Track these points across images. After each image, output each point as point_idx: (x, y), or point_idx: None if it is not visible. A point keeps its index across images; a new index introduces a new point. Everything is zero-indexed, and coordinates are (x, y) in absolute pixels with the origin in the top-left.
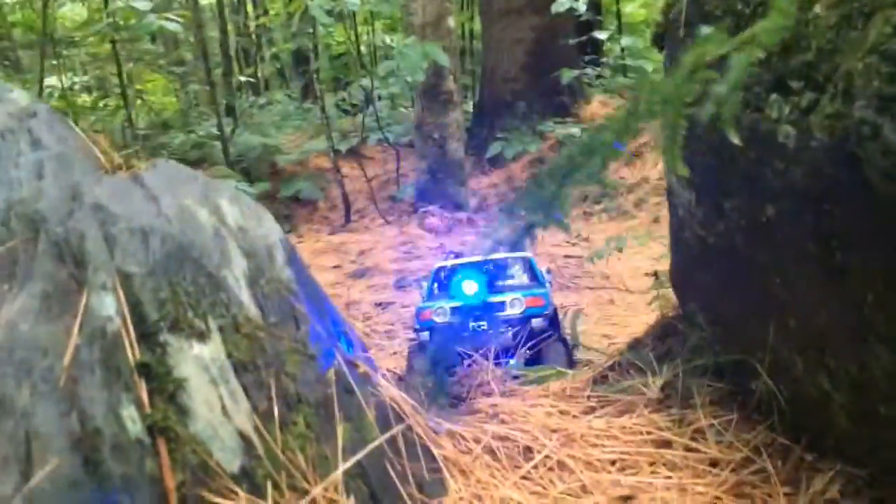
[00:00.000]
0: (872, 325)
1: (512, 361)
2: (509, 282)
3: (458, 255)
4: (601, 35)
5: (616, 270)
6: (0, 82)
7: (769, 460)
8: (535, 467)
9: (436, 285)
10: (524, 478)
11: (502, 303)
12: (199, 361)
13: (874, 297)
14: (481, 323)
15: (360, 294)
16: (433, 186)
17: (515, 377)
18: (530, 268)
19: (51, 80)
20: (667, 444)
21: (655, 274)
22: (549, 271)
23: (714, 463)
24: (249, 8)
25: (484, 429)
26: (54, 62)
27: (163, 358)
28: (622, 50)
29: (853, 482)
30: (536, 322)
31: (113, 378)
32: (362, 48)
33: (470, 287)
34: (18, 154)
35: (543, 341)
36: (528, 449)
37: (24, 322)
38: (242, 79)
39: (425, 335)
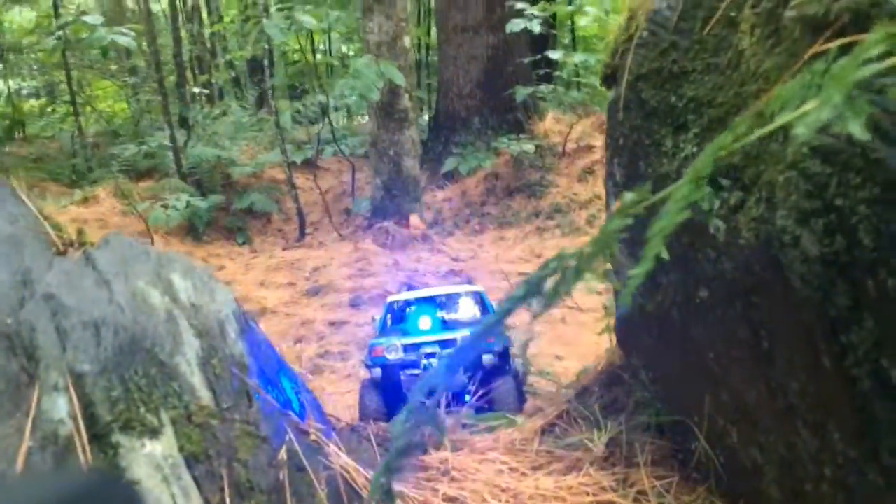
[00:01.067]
0: (798, 411)
1: (464, 410)
2: (461, 316)
3: (410, 287)
4: (555, 55)
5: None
6: None
7: None
8: None
9: (389, 318)
10: None
11: (453, 339)
12: (150, 460)
13: (798, 386)
14: (432, 360)
15: (314, 313)
16: (388, 203)
17: (464, 426)
18: (481, 301)
19: None
20: None
21: (605, 307)
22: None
23: None
24: (204, 15)
25: (435, 489)
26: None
27: (115, 460)
28: (576, 66)
29: None
30: (487, 358)
31: None
32: (318, 56)
33: (422, 323)
34: None
35: (494, 380)
36: None
37: None
38: (196, 90)
39: (377, 371)
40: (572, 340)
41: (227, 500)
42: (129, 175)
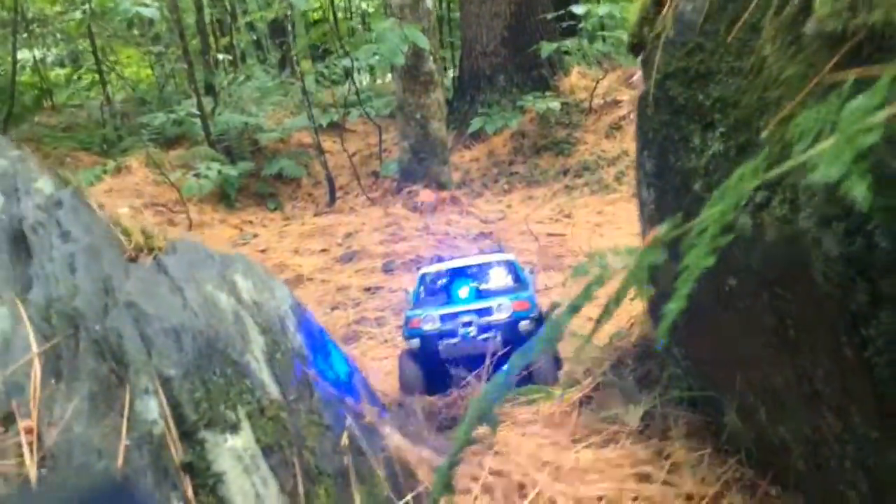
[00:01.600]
0: (822, 395)
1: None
2: (494, 285)
3: (440, 259)
4: (578, 9)
5: (599, 248)
6: (27, 170)
7: (738, 495)
8: None
9: (422, 290)
10: None
11: (489, 308)
12: (233, 453)
13: (823, 373)
14: (470, 329)
15: (348, 279)
16: (417, 166)
17: (507, 399)
18: (514, 270)
19: (23, 54)
20: (647, 478)
21: None
22: (532, 271)
23: (690, 497)
24: None
25: (481, 464)
26: (25, 35)
27: (202, 454)
28: (600, 17)
29: None
30: (524, 325)
31: (162, 478)
32: (339, 15)
33: (457, 293)
34: (51, 247)
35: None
36: (522, 486)
37: (78, 424)
38: (220, 56)
39: (415, 342)
40: (603, 300)
41: (300, 486)
42: (158, 143)
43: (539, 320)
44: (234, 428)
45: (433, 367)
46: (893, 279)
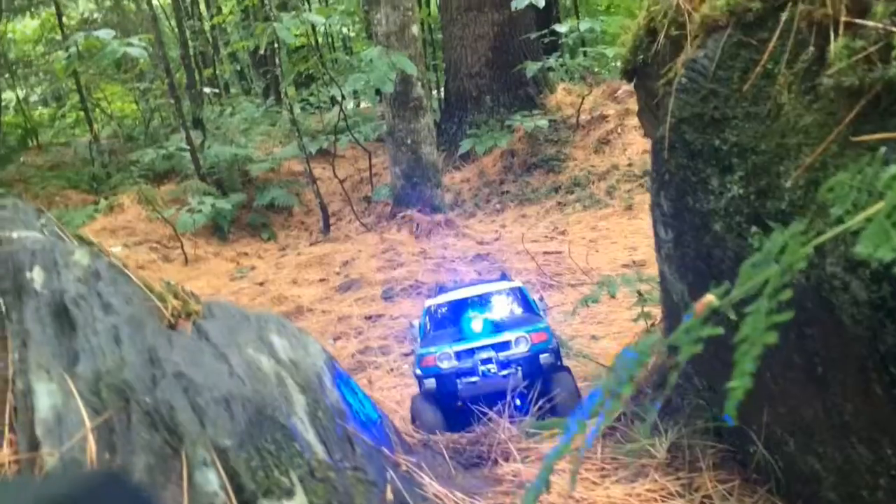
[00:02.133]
0: (853, 428)
1: (527, 419)
2: (508, 317)
3: (442, 290)
4: (561, 28)
5: (595, 264)
6: (65, 243)
7: None
8: None
9: (429, 323)
10: None
11: (507, 342)
12: None
13: (853, 407)
14: (490, 367)
15: (349, 308)
16: (410, 191)
17: (530, 434)
18: (524, 298)
19: (6, 94)
20: None
21: (639, 293)
22: (541, 299)
23: None
24: (202, 8)
25: (513, 502)
26: (6, 76)
27: None
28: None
29: None
30: (544, 357)
31: None
32: (320, 39)
33: (469, 327)
34: (94, 320)
35: (550, 377)
36: None
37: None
38: (207, 90)
39: (431, 382)
40: (605, 319)
41: None
42: (149, 179)
43: (556, 351)
44: (290, 493)
45: (451, 406)
46: None
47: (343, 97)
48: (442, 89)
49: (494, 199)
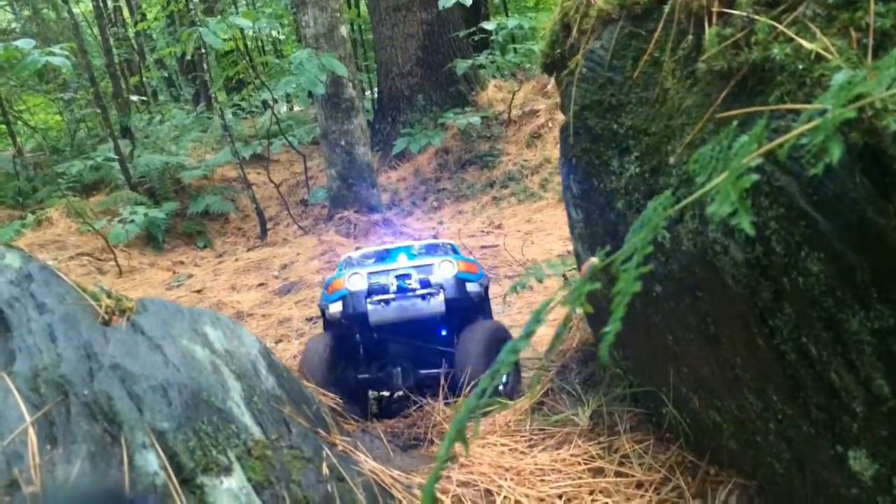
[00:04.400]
0: (743, 380)
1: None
2: (437, 252)
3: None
4: (489, 25)
5: (531, 255)
6: None
7: (682, 477)
8: None
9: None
10: None
11: (430, 265)
12: (230, 493)
13: (741, 360)
14: (409, 282)
15: (289, 311)
16: (346, 192)
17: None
18: (454, 249)
19: None
20: (600, 471)
21: (565, 277)
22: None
23: (640, 485)
24: (126, 14)
25: (448, 476)
26: None
27: (203, 498)
28: (511, 34)
29: (746, 492)
30: (471, 287)
31: None
32: (249, 44)
33: (392, 254)
34: (29, 320)
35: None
36: (489, 492)
37: (82, 484)
38: (134, 98)
39: (336, 307)
40: (537, 303)
41: None
42: (77, 191)
43: (486, 288)
44: (228, 470)
45: (364, 340)
46: (790, 277)
47: (275, 101)
48: (375, 90)
49: (431, 197)
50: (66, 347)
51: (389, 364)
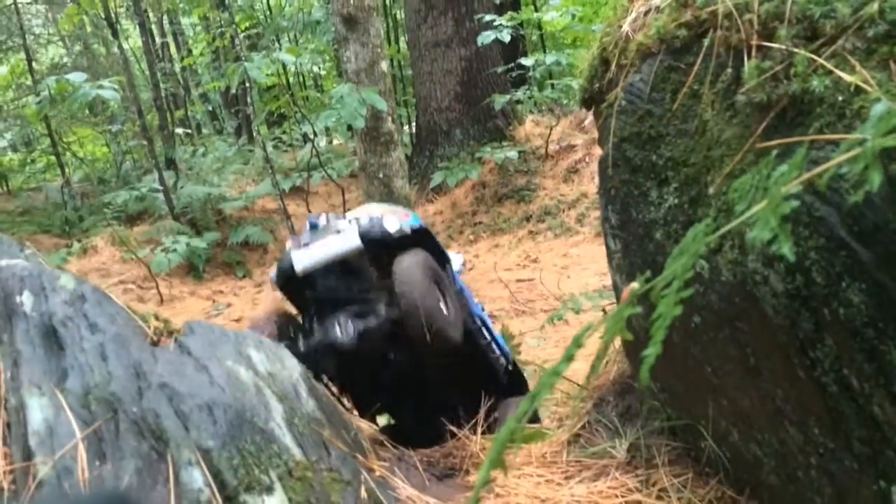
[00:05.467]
0: (784, 412)
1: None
2: None
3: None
4: (527, 62)
5: (567, 288)
6: (51, 269)
7: None
8: None
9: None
10: None
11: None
12: None
13: (783, 392)
14: (320, 221)
15: None
16: None
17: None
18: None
19: None
20: None
21: (604, 310)
22: (464, 263)
23: None
24: (173, 49)
25: None
26: None
27: None
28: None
29: None
30: (390, 222)
31: None
32: (291, 79)
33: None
34: (81, 339)
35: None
36: None
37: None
38: (179, 131)
39: (272, 272)
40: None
41: None
42: (121, 221)
43: (426, 234)
44: (269, 490)
45: (303, 305)
46: (831, 308)
47: (315, 134)
48: (413, 124)
49: (467, 230)
50: (117, 366)
51: (327, 321)
